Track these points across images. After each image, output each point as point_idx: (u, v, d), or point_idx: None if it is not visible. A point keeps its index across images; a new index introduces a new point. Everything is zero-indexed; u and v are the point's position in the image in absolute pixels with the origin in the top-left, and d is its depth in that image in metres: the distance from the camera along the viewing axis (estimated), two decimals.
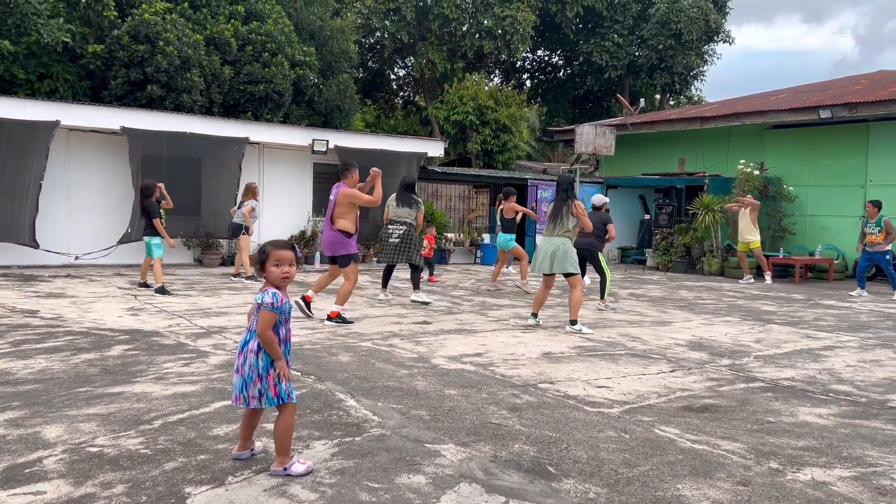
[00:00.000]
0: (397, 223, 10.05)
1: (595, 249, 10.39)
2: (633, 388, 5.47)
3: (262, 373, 3.53)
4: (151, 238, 10.48)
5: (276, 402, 3.55)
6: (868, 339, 8.22)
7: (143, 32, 15.34)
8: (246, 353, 3.56)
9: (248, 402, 3.56)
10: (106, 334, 7.02)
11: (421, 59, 26.82)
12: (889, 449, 4.20)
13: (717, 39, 30.91)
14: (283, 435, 3.53)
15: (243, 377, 3.55)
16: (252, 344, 3.56)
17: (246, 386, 3.54)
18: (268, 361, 3.54)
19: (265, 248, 3.63)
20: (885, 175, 16.53)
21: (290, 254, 3.63)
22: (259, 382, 3.53)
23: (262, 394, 3.54)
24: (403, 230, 9.99)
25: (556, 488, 3.45)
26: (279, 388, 3.55)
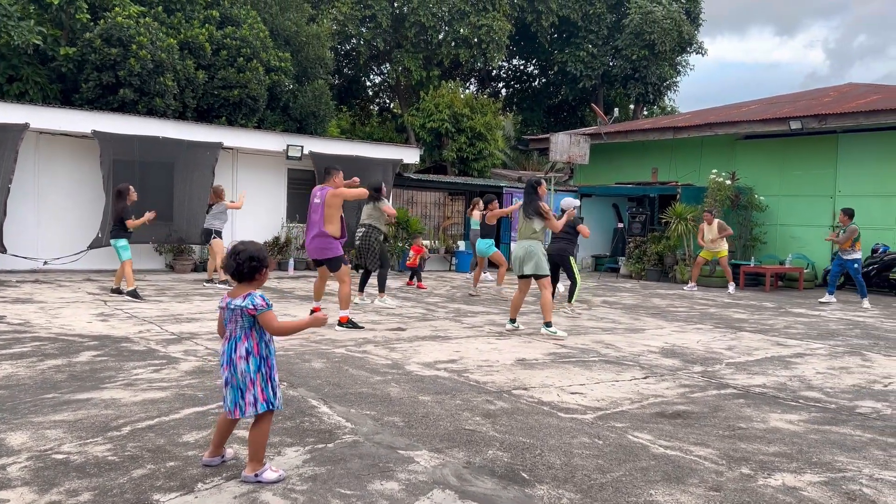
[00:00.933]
0: (361, 226, 10.37)
1: (566, 254, 10.46)
2: (607, 395, 5.49)
3: (254, 377, 3.51)
4: (117, 240, 10.31)
5: (266, 406, 3.52)
6: (837, 346, 8.33)
7: (116, 36, 15.17)
8: (235, 362, 3.51)
9: (245, 410, 3.51)
10: (74, 340, 6.89)
11: (397, 66, 26.82)
12: (858, 454, 4.25)
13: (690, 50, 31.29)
14: (258, 441, 3.49)
15: (237, 386, 3.50)
16: (240, 350, 3.52)
17: (242, 395, 3.50)
18: (256, 365, 3.51)
19: (264, 255, 3.60)
20: (854, 186, 16.82)
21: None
22: (252, 387, 3.50)
23: (257, 399, 3.51)
24: (363, 232, 10.25)
25: (529, 494, 3.44)
26: (266, 392, 3.53)
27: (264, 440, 3.51)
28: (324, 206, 8.11)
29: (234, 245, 3.66)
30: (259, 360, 3.53)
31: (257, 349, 3.55)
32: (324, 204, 8.11)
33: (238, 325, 3.54)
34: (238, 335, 3.54)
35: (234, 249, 3.60)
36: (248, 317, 3.52)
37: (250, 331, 3.54)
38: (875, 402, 5.61)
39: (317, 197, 8.26)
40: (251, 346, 3.53)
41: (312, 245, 8.27)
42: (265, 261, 3.59)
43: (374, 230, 10.18)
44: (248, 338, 3.54)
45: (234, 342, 3.54)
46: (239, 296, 3.53)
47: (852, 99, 18.28)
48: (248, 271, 3.56)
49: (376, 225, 10.21)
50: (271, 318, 3.53)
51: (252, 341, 3.54)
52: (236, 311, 3.52)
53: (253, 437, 3.50)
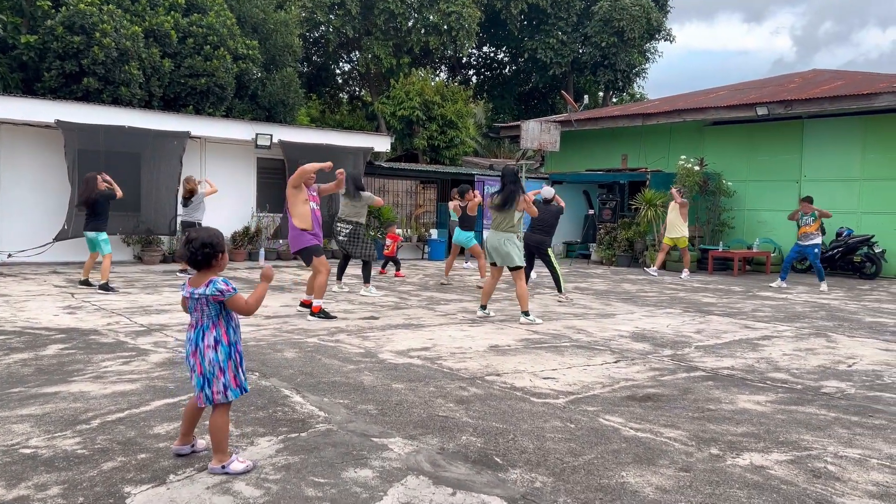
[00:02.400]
0: (344, 222, 10.16)
1: (545, 246, 10.51)
2: (579, 379, 5.54)
3: (224, 365, 3.48)
4: (98, 234, 10.15)
5: (238, 393, 3.52)
6: (803, 328, 8.49)
7: (79, 23, 14.86)
8: (203, 351, 3.48)
9: (213, 398, 3.49)
10: (41, 333, 6.78)
11: (366, 53, 26.65)
12: (823, 433, 4.34)
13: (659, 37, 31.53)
14: (219, 432, 3.46)
15: (203, 375, 3.47)
16: (208, 339, 3.49)
17: (209, 383, 3.47)
18: (226, 353, 3.50)
19: (217, 241, 3.56)
20: (818, 170, 17.11)
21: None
22: (222, 376, 3.48)
23: (227, 387, 3.49)
24: (350, 229, 10.10)
25: (503, 478, 3.47)
26: (238, 377, 3.53)
27: (225, 430, 3.48)
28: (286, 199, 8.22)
29: (187, 233, 3.63)
30: (229, 348, 3.52)
31: (226, 337, 3.52)
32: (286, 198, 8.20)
33: (204, 313, 3.51)
34: (206, 324, 3.51)
35: (187, 238, 3.57)
36: (213, 304, 3.49)
37: (217, 319, 3.51)
38: (839, 381, 5.73)
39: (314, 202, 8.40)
40: (220, 335, 3.50)
41: (289, 237, 8.37)
42: (219, 246, 3.55)
43: (360, 227, 10.08)
44: (216, 326, 3.51)
45: (202, 331, 3.51)
46: (201, 284, 3.50)
47: (817, 85, 18.55)
48: (202, 258, 3.52)
49: (362, 222, 10.11)
50: (239, 300, 3.51)
51: (220, 329, 3.51)
52: (201, 300, 3.49)
53: (213, 428, 3.47)
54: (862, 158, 16.49)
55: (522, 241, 10.69)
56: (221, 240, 3.60)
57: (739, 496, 3.33)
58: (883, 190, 16.14)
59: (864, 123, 16.39)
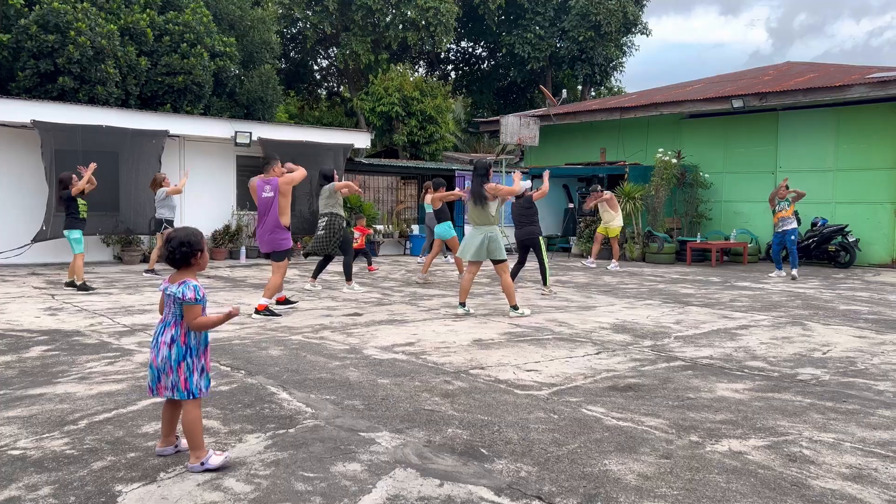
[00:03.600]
0: (321, 215, 10.31)
1: (535, 236, 10.48)
2: (561, 371, 5.63)
3: (174, 364, 3.50)
4: (71, 231, 10.08)
5: (185, 395, 3.51)
6: (780, 317, 8.65)
7: (53, 22, 14.73)
8: (159, 346, 3.52)
9: (159, 391, 3.54)
10: (23, 335, 6.76)
11: (344, 49, 26.60)
12: (798, 419, 4.46)
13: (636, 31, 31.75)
14: (192, 429, 3.48)
15: (157, 368, 3.52)
16: (165, 336, 3.52)
17: (157, 378, 3.52)
18: (180, 354, 3.51)
19: (196, 240, 3.58)
20: (793, 161, 17.36)
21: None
22: (171, 374, 3.50)
23: (174, 385, 3.50)
24: (326, 220, 10.21)
25: (489, 469, 3.54)
26: (190, 382, 3.51)
27: (198, 425, 3.50)
28: (278, 196, 8.09)
29: (168, 233, 3.66)
30: (185, 350, 3.51)
31: (184, 339, 3.52)
32: (278, 194, 8.08)
33: (170, 310, 3.55)
34: (168, 320, 3.55)
35: (167, 237, 3.62)
36: (178, 304, 3.53)
37: (180, 319, 3.54)
38: (815, 368, 5.87)
39: (266, 190, 8.18)
40: (177, 334, 3.52)
41: (266, 238, 8.23)
42: (197, 245, 3.58)
43: (337, 217, 10.18)
44: (176, 325, 3.53)
45: (164, 326, 3.55)
46: (176, 282, 3.54)
47: (791, 77, 18.81)
48: (180, 257, 3.55)
49: (337, 212, 10.20)
50: (195, 312, 3.50)
51: (180, 329, 3.53)
52: (170, 297, 3.53)
53: (185, 425, 3.49)
54: (835, 149, 16.75)
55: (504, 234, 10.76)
56: (200, 239, 3.62)
57: (718, 481, 3.43)
58: (856, 180, 16.42)
59: (837, 115, 16.66)
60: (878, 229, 16.09)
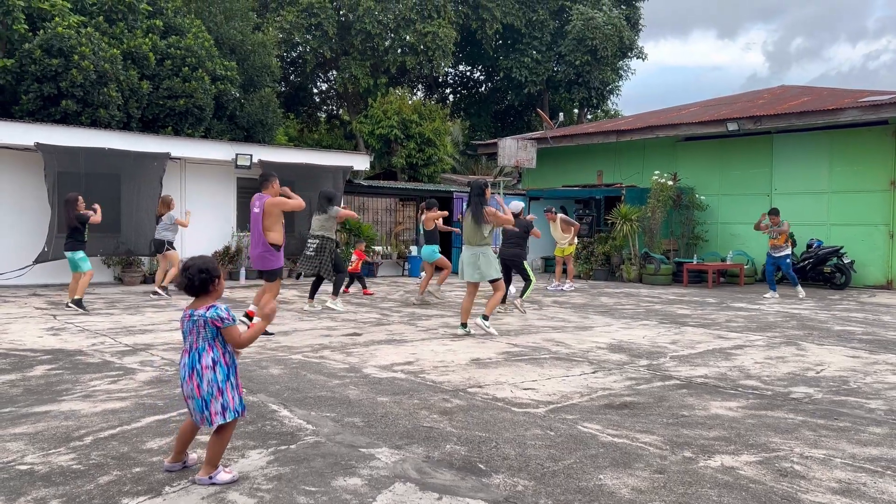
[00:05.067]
0: (312, 237, 10.48)
1: (519, 259, 10.74)
2: (558, 389, 5.72)
3: (223, 386, 3.57)
4: (74, 253, 10.17)
5: (235, 414, 3.59)
6: (774, 337, 8.74)
7: (57, 46, 14.93)
8: (201, 372, 3.55)
9: (212, 420, 3.55)
10: (27, 355, 6.84)
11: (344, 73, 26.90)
12: (790, 436, 4.54)
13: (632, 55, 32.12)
14: (218, 447, 3.58)
15: (202, 397, 3.54)
16: (206, 360, 3.57)
17: (207, 405, 3.55)
18: (225, 374, 3.59)
19: (213, 267, 3.69)
20: (788, 183, 17.54)
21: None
22: (220, 397, 3.56)
23: (226, 408, 3.57)
24: (317, 244, 10.39)
25: (486, 483, 3.62)
26: (235, 400, 3.61)
27: (224, 447, 3.62)
28: (262, 214, 8.15)
29: (184, 262, 3.76)
30: (227, 369, 3.61)
31: (224, 358, 3.62)
32: (263, 213, 8.14)
33: (200, 335, 3.60)
34: (201, 346, 3.59)
35: (184, 266, 3.70)
36: (211, 328, 3.59)
37: (214, 341, 3.60)
38: (808, 387, 5.96)
39: (255, 206, 8.26)
40: (218, 356, 3.59)
41: (255, 255, 8.32)
42: (214, 272, 3.67)
43: (328, 241, 10.34)
44: (212, 348, 3.60)
45: (198, 353, 3.58)
46: (202, 307, 3.62)
47: (785, 100, 19.05)
48: (199, 284, 3.63)
49: (329, 236, 10.34)
50: (235, 331, 3.62)
51: (218, 350, 3.60)
52: (198, 322, 3.58)
53: (213, 443, 3.58)
54: (829, 171, 16.94)
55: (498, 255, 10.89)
56: (217, 266, 3.74)
57: (710, 495, 3.51)
58: (850, 202, 16.59)
59: (831, 137, 16.86)
60: (874, 251, 16.23)
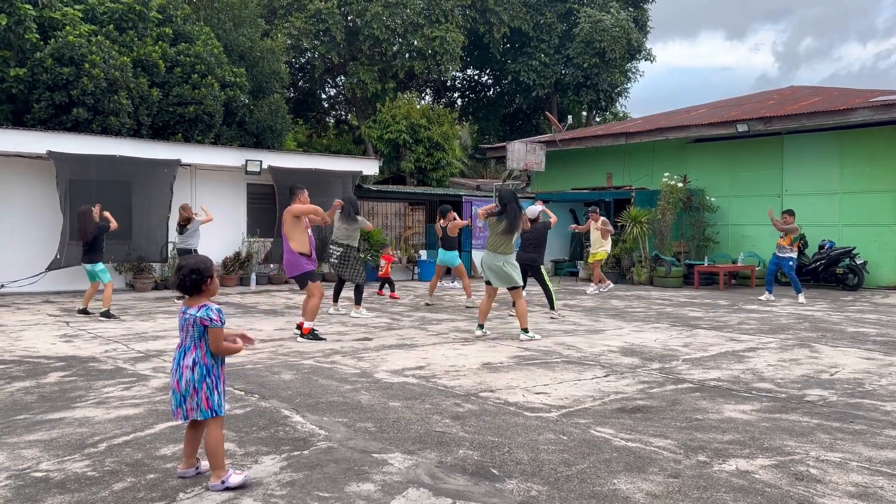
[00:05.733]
0: (336, 244, 10.45)
1: (537, 264, 10.68)
2: (570, 393, 5.70)
3: (198, 386, 3.63)
4: (94, 265, 10.27)
5: (208, 414, 3.63)
6: (787, 339, 8.69)
7: (68, 55, 15.03)
8: (182, 370, 3.65)
9: (188, 414, 3.65)
10: (40, 362, 6.88)
11: (352, 78, 26.95)
12: (805, 439, 4.51)
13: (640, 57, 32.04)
14: (215, 448, 3.61)
15: (181, 392, 3.64)
16: (187, 360, 3.66)
17: (184, 400, 3.63)
18: (202, 374, 3.64)
19: (205, 267, 3.73)
20: (799, 185, 17.45)
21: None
22: (195, 396, 3.63)
23: (198, 406, 3.63)
24: (340, 252, 10.40)
25: (500, 488, 3.61)
26: (211, 400, 3.65)
27: (220, 447, 3.63)
28: (283, 223, 8.35)
29: (178, 262, 3.81)
30: (204, 370, 3.66)
31: (204, 359, 3.68)
32: (283, 222, 8.33)
33: (189, 334, 3.69)
34: (188, 345, 3.69)
35: (177, 265, 3.79)
36: (199, 327, 3.66)
37: (199, 341, 3.68)
38: (822, 390, 5.92)
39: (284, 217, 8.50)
40: (199, 356, 3.67)
41: (285, 261, 8.54)
42: (206, 272, 3.74)
43: (352, 249, 10.37)
44: (196, 348, 3.68)
45: (184, 351, 3.69)
46: (195, 306, 3.68)
47: (795, 101, 18.96)
48: (190, 284, 3.70)
49: (353, 244, 10.38)
50: (219, 334, 3.68)
51: (200, 351, 3.68)
52: (189, 321, 3.67)
53: (207, 445, 3.62)
54: (841, 172, 16.84)
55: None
56: (210, 266, 3.80)
57: (726, 499, 3.49)
58: (862, 202, 16.49)
59: (842, 138, 16.77)
60: (886, 251, 16.11)
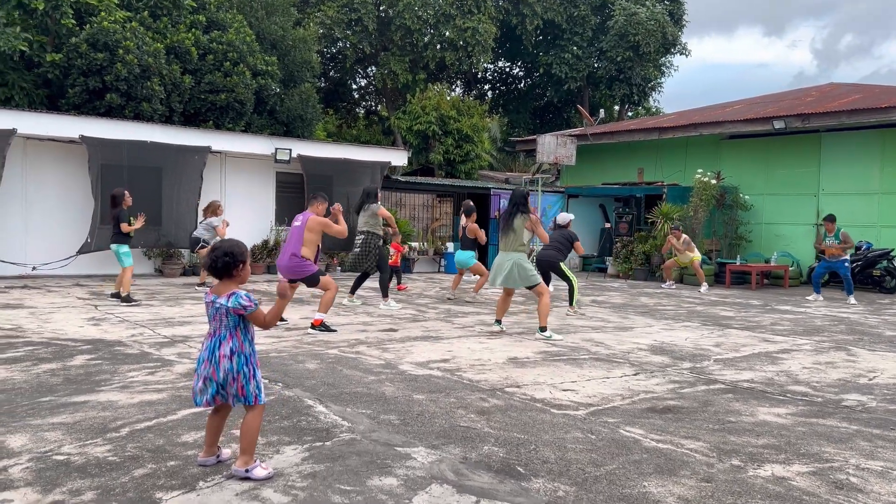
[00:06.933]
0: (359, 233, 10.51)
1: (556, 261, 10.52)
2: (598, 391, 5.57)
3: (237, 374, 3.57)
4: (119, 246, 10.34)
5: (245, 400, 3.59)
6: (823, 342, 8.46)
7: (102, 40, 15.12)
8: (218, 360, 3.56)
9: (229, 400, 3.59)
10: (67, 344, 6.90)
11: (383, 69, 26.88)
12: (844, 445, 4.35)
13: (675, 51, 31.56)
14: (250, 433, 3.55)
15: (218, 382, 3.55)
16: (224, 349, 3.58)
17: (222, 388, 3.56)
18: (241, 363, 3.58)
19: (239, 251, 3.67)
20: (837, 184, 17.05)
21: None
22: (234, 384, 3.56)
23: (235, 394, 3.59)
24: (362, 238, 10.42)
25: (525, 487, 3.51)
26: (247, 388, 3.59)
27: (255, 434, 3.57)
28: (304, 229, 8.17)
29: (213, 244, 3.76)
30: (243, 359, 3.60)
31: (242, 347, 3.62)
32: (304, 227, 8.18)
33: (222, 323, 3.62)
34: (223, 334, 3.61)
35: (212, 247, 3.74)
36: (233, 316, 3.60)
37: (234, 329, 3.62)
38: (860, 395, 5.73)
39: (298, 220, 8.34)
40: (236, 345, 3.60)
41: (284, 264, 8.33)
42: (240, 256, 3.67)
43: (374, 236, 10.40)
44: (232, 336, 3.61)
45: (219, 340, 3.61)
46: (223, 294, 3.61)
47: (834, 98, 18.52)
48: (222, 266, 3.64)
49: (375, 231, 10.37)
50: (259, 314, 3.65)
51: (237, 340, 3.61)
52: (221, 310, 3.60)
53: (244, 430, 3.57)
54: (880, 171, 16.42)
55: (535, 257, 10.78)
56: (244, 251, 3.72)
57: None
58: None
59: (882, 136, 16.34)
60: None
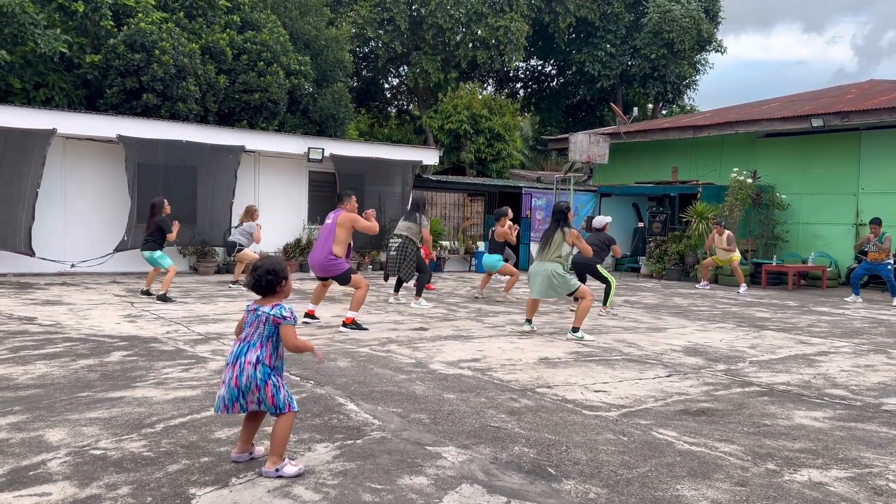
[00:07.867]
0: (395, 236, 10.64)
1: (593, 263, 10.43)
2: (630, 393, 5.52)
3: (261, 383, 3.58)
4: (153, 252, 10.51)
5: (274, 410, 3.60)
6: (862, 344, 8.29)
7: (139, 41, 15.37)
8: (242, 366, 3.58)
9: (247, 406, 3.60)
10: (104, 341, 7.03)
11: (415, 68, 26.91)
12: (884, 451, 4.25)
13: (710, 49, 31.12)
14: (281, 436, 3.57)
15: (239, 388, 3.56)
16: (250, 356, 3.59)
17: (243, 395, 3.57)
18: (265, 373, 3.59)
19: (280, 269, 3.72)
20: (877, 183, 16.67)
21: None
22: (258, 392, 3.57)
23: (262, 401, 3.59)
24: (399, 242, 10.54)
25: (556, 489, 3.49)
26: (277, 398, 3.60)
27: (285, 437, 3.59)
28: (335, 226, 8.22)
29: (255, 261, 3.81)
30: (268, 370, 3.61)
31: (269, 360, 3.63)
32: (335, 224, 8.23)
33: (257, 331, 3.64)
34: (253, 341, 3.63)
35: (254, 265, 3.78)
36: (270, 326, 3.63)
37: (266, 340, 3.64)
38: None
39: (329, 218, 8.39)
40: (263, 355, 3.61)
41: (316, 262, 8.38)
42: (282, 273, 3.72)
43: (411, 242, 10.51)
44: (262, 346, 3.63)
45: (247, 346, 3.63)
46: (267, 304, 3.67)
47: (875, 96, 18.11)
48: (265, 284, 3.70)
49: (413, 238, 10.48)
50: (292, 331, 3.66)
51: (265, 350, 3.63)
52: (261, 318, 3.63)
53: (275, 434, 3.59)
54: None
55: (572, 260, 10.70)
56: (285, 268, 3.78)
57: None
58: None
59: None
60: None
